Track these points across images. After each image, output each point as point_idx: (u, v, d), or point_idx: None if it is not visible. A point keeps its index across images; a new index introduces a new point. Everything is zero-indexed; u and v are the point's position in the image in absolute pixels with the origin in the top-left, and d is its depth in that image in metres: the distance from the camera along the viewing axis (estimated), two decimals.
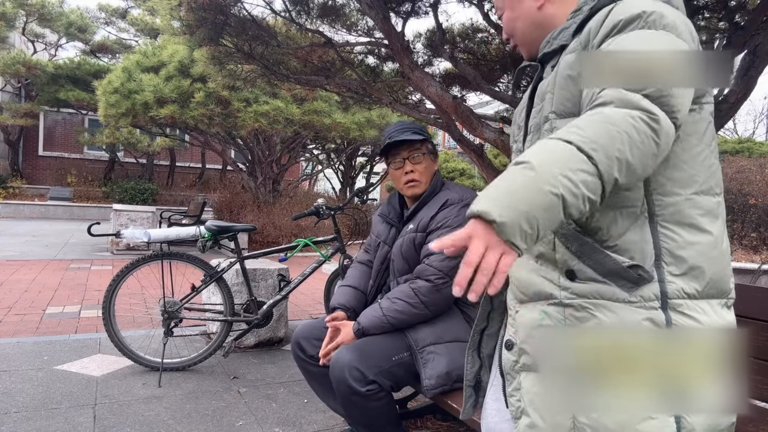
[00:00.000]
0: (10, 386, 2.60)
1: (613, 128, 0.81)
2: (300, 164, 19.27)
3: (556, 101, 1.02)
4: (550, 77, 1.05)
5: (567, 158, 0.81)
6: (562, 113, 1.01)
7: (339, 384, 1.70)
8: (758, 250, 7.22)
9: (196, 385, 2.77)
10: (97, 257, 7.59)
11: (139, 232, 2.86)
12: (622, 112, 0.83)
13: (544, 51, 1.10)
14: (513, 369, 1.07)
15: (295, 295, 5.38)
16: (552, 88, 1.03)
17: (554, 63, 1.08)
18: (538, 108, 1.08)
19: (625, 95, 0.85)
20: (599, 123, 0.82)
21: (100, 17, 19.07)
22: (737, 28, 2.59)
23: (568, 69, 1.00)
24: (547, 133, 1.02)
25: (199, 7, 3.36)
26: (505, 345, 1.10)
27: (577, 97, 0.99)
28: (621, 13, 0.93)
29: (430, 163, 1.96)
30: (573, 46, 1.02)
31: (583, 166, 0.80)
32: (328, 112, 8.91)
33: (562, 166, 0.80)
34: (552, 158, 0.80)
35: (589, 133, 0.82)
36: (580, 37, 1.01)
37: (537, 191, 0.78)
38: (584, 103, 0.95)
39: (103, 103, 9.01)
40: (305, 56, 3.97)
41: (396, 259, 1.93)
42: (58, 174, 17.38)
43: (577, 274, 0.97)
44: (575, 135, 0.82)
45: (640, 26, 0.90)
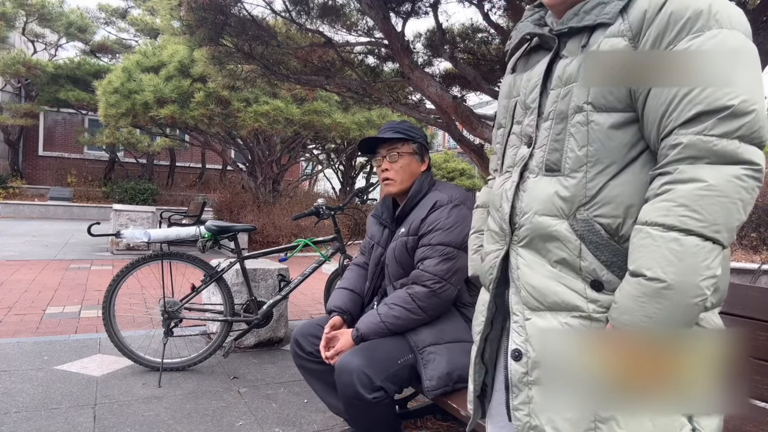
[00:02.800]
0: (10, 386, 2.60)
1: (727, 201, 0.79)
2: (300, 164, 19.26)
3: (594, 91, 0.92)
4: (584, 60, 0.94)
5: (698, 259, 0.79)
6: (602, 107, 0.91)
7: (345, 388, 1.69)
8: (758, 250, 7.21)
9: (196, 385, 2.77)
10: (97, 257, 7.59)
11: (139, 232, 2.86)
12: (727, 175, 0.79)
13: (571, 24, 0.97)
14: (521, 381, 1.00)
15: (295, 295, 5.38)
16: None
17: (584, 42, 0.95)
18: (560, 92, 0.97)
19: (717, 146, 0.80)
20: (714, 199, 0.78)
21: (100, 17, 19.06)
22: None
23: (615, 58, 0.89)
24: (581, 126, 0.93)
25: (199, 7, 3.36)
26: (512, 355, 1.02)
27: (622, 91, 0.90)
28: (684, 6, 0.84)
29: (413, 162, 1.93)
30: (619, 29, 0.90)
31: (713, 254, 0.79)
32: (328, 112, 8.90)
33: (697, 270, 0.79)
34: (684, 267, 0.79)
35: (708, 215, 0.79)
36: (628, 18, 0.89)
37: (685, 308, 0.79)
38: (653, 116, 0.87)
39: (103, 103, 9.01)
40: (305, 56, 3.97)
41: (390, 264, 1.92)
42: (58, 174, 17.37)
43: (606, 285, 0.91)
44: (694, 222, 0.79)
45: (711, 25, 0.83)
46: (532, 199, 0.99)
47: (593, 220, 0.92)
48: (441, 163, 17.40)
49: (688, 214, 0.79)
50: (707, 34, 0.82)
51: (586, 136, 0.92)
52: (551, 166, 0.97)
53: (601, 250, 0.91)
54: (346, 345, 1.81)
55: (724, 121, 0.79)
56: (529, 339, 0.99)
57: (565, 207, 0.94)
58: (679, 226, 0.79)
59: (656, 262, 0.80)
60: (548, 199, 0.96)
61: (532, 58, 1.10)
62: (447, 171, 16.98)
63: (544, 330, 0.96)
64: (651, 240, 0.81)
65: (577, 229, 0.93)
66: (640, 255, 0.83)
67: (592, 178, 0.92)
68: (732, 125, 0.79)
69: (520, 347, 1.00)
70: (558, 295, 0.95)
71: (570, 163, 0.94)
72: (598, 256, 0.91)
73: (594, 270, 0.92)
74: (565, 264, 0.95)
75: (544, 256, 0.98)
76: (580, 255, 0.93)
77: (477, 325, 1.17)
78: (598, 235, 0.91)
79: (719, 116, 0.79)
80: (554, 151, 0.97)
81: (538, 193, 0.98)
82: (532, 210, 0.99)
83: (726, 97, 0.79)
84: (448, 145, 24.88)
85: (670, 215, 0.80)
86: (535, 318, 0.98)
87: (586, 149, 0.92)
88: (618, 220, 0.91)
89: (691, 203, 0.79)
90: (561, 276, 0.95)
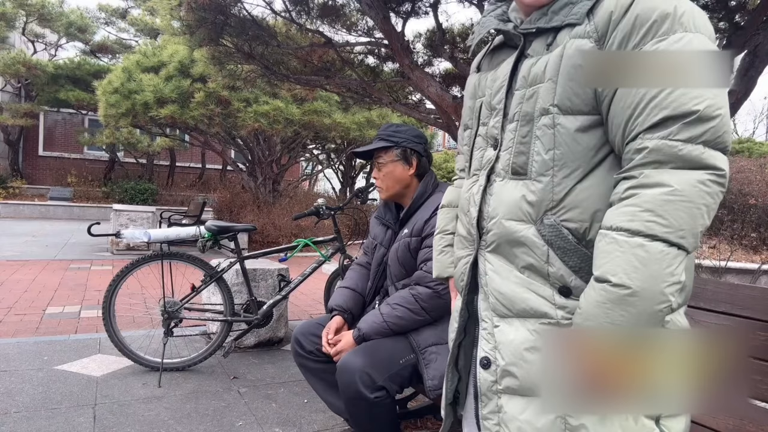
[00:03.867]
0: (10, 386, 2.60)
1: (691, 206, 0.78)
2: (300, 164, 19.26)
3: (560, 94, 0.90)
4: (550, 61, 0.92)
5: (663, 265, 0.78)
6: (567, 110, 0.90)
7: (347, 388, 1.70)
8: (758, 250, 7.21)
9: (196, 385, 2.77)
10: (97, 257, 7.59)
11: (139, 232, 2.86)
12: (692, 180, 0.78)
13: (539, 24, 0.95)
14: (490, 390, 0.98)
15: (295, 295, 5.38)
16: (554, 76, 0.91)
17: (550, 41, 0.94)
18: (525, 93, 0.95)
19: (682, 151, 0.79)
20: (679, 204, 0.78)
21: (100, 17, 19.05)
22: (737, 28, 2.59)
23: (581, 59, 0.88)
24: (547, 129, 0.91)
25: (199, 7, 3.36)
26: (481, 363, 1.00)
27: (588, 94, 0.89)
28: (650, 9, 0.83)
29: (397, 168, 1.91)
30: (585, 29, 0.89)
31: (677, 260, 0.78)
32: (328, 112, 8.91)
33: (661, 277, 0.78)
34: (649, 274, 0.78)
35: (673, 220, 0.78)
36: (594, 20, 0.88)
37: (650, 315, 0.78)
38: (618, 120, 0.86)
39: (103, 103, 9.01)
40: (305, 56, 3.97)
41: (392, 264, 1.93)
42: (58, 174, 17.36)
43: (574, 291, 0.91)
44: (660, 227, 0.78)
45: (676, 29, 0.82)
46: (499, 204, 0.98)
47: (561, 224, 0.91)
48: (441, 163, 17.40)
49: (653, 219, 0.78)
50: (673, 37, 0.81)
51: (553, 140, 0.91)
52: (517, 170, 0.96)
53: (569, 256, 0.90)
54: (348, 345, 1.81)
55: (689, 126, 0.79)
56: (497, 347, 0.97)
57: (532, 212, 0.93)
58: (644, 231, 0.79)
59: (621, 268, 0.79)
60: (515, 204, 0.95)
61: (495, 57, 1.08)
62: (447, 171, 16.98)
63: (512, 337, 0.95)
64: (616, 245, 0.80)
65: (544, 234, 0.92)
66: (605, 260, 0.82)
67: (559, 182, 0.91)
68: (697, 130, 0.79)
69: (489, 355, 0.98)
70: (526, 302, 0.94)
71: (537, 166, 0.93)
72: (566, 262, 0.90)
73: (562, 276, 0.91)
74: (533, 270, 0.94)
75: (512, 262, 0.97)
76: (548, 261, 0.92)
77: (451, 331, 1.15)
78: (565, 240, 0.90)
79: (685, 121, 0.79)
80: (520, 154, 0.95)
81: (504, 197, 0.97)
82: (499, 215, 0.98)
83: (692, 102, 0.79)
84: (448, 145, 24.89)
85: (636, 220, 0.79)
86: (503, 325, 0.97)
87: (553, 153, 0.91)
88: (585, 225, 0.90)
89: (657, 208, 0.78)
90: (529, 282, 0.94)
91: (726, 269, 5.67)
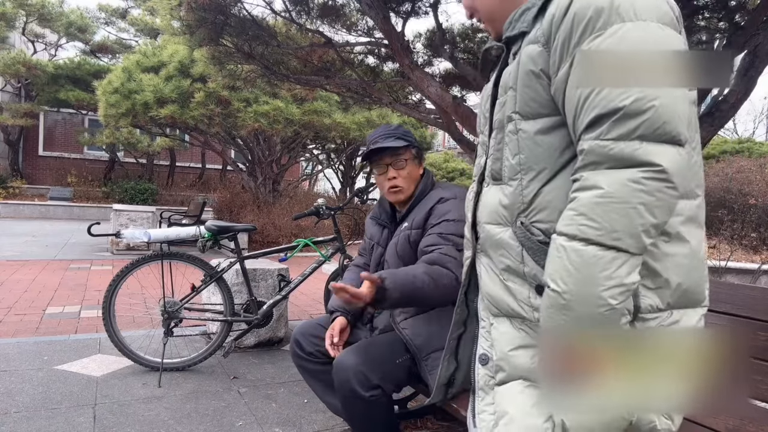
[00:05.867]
0: (10, 386, 2.60)
1: (625, 206, 0.76)
2: (300, 164, 19.26)
3: (519, 100, 0.92)
4: (512, 68, 0.95)
5: (597, 269, 0.76)
6: (527, 114, 0.92)
7: (342, 386, 1.69)
8: (758, 250, 7.22)
9: (196, 385, 2.77)
10: (97, 257, 7.59)
11: (139, 232, 2.86)
12: (622, 179, 0.76)
13: (507, 34, 0.98)
14: (487, 385, 1.02)
15: (295, 295, 5.38)
16: (514, 84, 0.93)
17: (516, 50, 0.96)
18: (501, 101, 0.98)
19: (613, 150, 0.77)
20: (609, 206, 0.76)
21: (100, 17, 19.06)
22: (737, 28, 2.59)
23: (531, 64, 0.89)
24: (512, 135, 0.94)
25: (199, 7, 3.36)
26: (480, 359, 1.04)
27: (544, 97, 0.89)
28: (585, 6, 0.82)
29: (414, 168, 1.91)
30: (534, 36, 0.90)
31: (616, 263, 0.76)
32: (328, 112, 8.91)
33: (596, 281, 0.76)
34: (582, 278, 0.77)
35: (605, 223, 0.76)
36: (542, 24, 0.89)
37: (592, 318, 0.77)
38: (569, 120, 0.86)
39: (103, 103, 9.01)
40: (305, 56, 3.97)
41: (391, 260, 1.91)
42: (58, 174, 17.37)
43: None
44: (592, 231, 0.77)
45: (613, 21, 0.80)
46: (484, 208, 1.04)
47: (531, 226, 0.93)
48: (441, 163, 17.40)
49: (586, 223, 0.78)
50: (608, 31, 0.79)
51: (517, 145, 0.94)
52: (495, 175, 1.01)
53: (539, 255, 0.91)
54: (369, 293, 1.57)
55: (617, 123, 0.77)
56: (493, 344, 1.02)
57: (507, 215, 0.97)
58: (579, 235, 0.78)
59: (558, 273, 0.80)
60: (494, 208, 1.00)
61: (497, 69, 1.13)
62: (447, 171, 16.99)
63: (502, 334, 1.00)
64: (556, 250, 0.81)
65: (519, 236, 0.95)
66: (548, 265, 0.83)
67: (526, 185, 0.93)
68: (627, 127, 0.76)
69: (487, 352, 1.03)
70: (507, 304, 0.99)
71: (507, 171, 0.97)
72: (537, 261, 0.92)
73: (535, 275, 0.93)
74: (511, 271, 0.97)
75: (496, 264, 1.01)
76: (523, 261, 0.94)
77: (452, 324, 1.22)
78: (532, 241, 0.92)
79: (613, 119, 0.77)
80: (497, 161, 1.00)
81: (487, 201, 1.02)
82: (483, 219, 1.03)
83: (619, 98, 0.77)
84: (448, 145, 24.89)
85: (572, 224, 0.80)
86: (496, 323, 1.02)
87: (518, 157, 0.94)
88: (554, 225, 0.89)
89: (589, 212, 0.78)
90: (508, 284, 0.98)
91: (726, 269, 5.67)
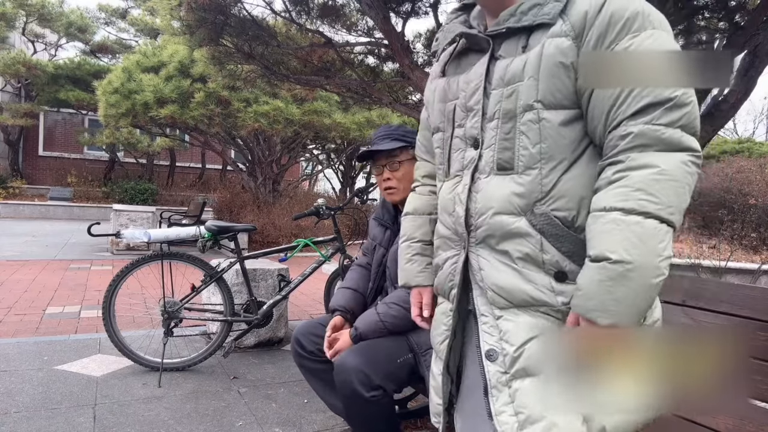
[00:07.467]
0: (10, 386, 2.60)
1: (677, 185, 0.84)
2: (300, 164, 19.26)
3: (543, 90, 0.94)
4: (530, 61, 0.96)
5: (657, 240, 0.83)
6: (551, 104, 0.95)
7: (344, 387, 1.69)
8: (758, 250, 7.22)
9: (196, 385, 2.77)
10: (97, 257, 7.59)
11: (139, 232, 2.86)
12: (675, 160, 0.85)
13: (508, 24, 1.00)
14: (500, 381, 0.98)
15: (295, 295, 5.38)
16: (535, 74, 0.95)
17: (524, 43, 0.98)
18: (504, 92, 0.99)
19: (665, 135, 0.86)
20: (666, 183, 0.84)
21: (100, 17, 19.06)
22: (737, 28, 2.59)
23: (561, 56, 0.93)
24: (532, 124, 0.96)
25: (199, 7, 3.36)
26: (486, 356, 1.01)
27: (570, 89, 0.94)
28: (623, 7, 0.90)
29: (411, 169, 1.86)
30: (561, 30, 0.94)
31: (668, 236, 0.84)
32: (328, 112, 8.91)
33: (657, 251, 0.83)
34: (646, 249, 0.83)
35: (663, 198, 0.84)
36: (570, 20, 0.93)
37: (649, 288, 0.83)
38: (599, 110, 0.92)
39: (103, 103, 9.01)
40: (305, 56, 3.97)
41: (392, 265, 1.92)
42: (58, 174, 17.36)
43: (569, 275, 0.95)
44: (652, 205, 0.84)
45: (646, 26, 0.89)
46: (488, 199, 1.01)
47: (551, 213, 0.96)
48: None
49: (645, 198, 0.84)
50: (644, 33, 0.88)
51: (539, 134, 0.96)
52: (503, 165, 1.00)
53: (561, 242, 0.95)
54: (345, 344, 1.81)
55: (669, 111, 0.86)
56: (504, 336, 0.99)
57: (522, 204, 0.98)
58: (638, 209, 0.84)
59: (621, 245, 0.84)
60: (504, 198, 0.99)
61: (463, 61, 1.13)
62: None
63: (517, 324, 0.99)
64: (613, 224, 0.85)
65: (535, 224, 0.96)
66: (601, 239, 0.86)
67: (546, 173, 0.96)
68: (675, 114, 0.86)
69: (494, 347, 1.00)
70: (526, 293, 0.98)
71: (524, 160, 0.97)
72: (559, 248, 0.95)
73: (557, 261, 0.95)
74: (529, 259, 0.97)
75: (507, 254, 1.00)
76: (542, 248, 0.96)
77: (438, 335, 1.17)
78: (557, 228, 0.95)
79: (665, 106, 0.86)
80: (505, 150, 0.99)
81: (492, 192, 1.01)
82: (491, 210, 1.01)
83: (669, 89, 0.86)
84: None
85: (629, 200, 0.85)
86: (506, 315, 1.00)
87: (540, 146, 0.96)
88: (573, 212, 0.96)
89: (647, 187, 0.84)
90: (525, 272, 0.98)
91: (726, 269, 5.67)
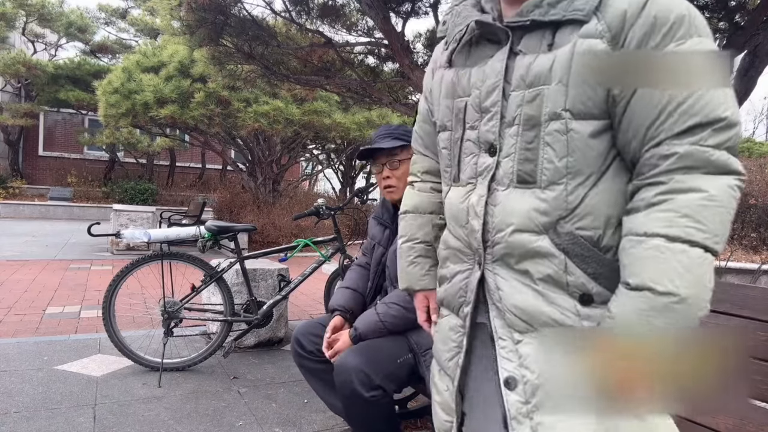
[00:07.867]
0: (10, 386, 2.60)
1: (724, 212, 0.79)
2: (300, 164, 19.26)
3: (573, 97, 0.85)
4: (558, 62, 0.86)
5: (702, 271, 0.78)
6: (581, 114, 0.86)
7: (343, 387, 1.69)
8: (758, 250, 7.22)
9: (196, 385, 2.77)
10: (97, 257, 7.59)
11: (139, 232, 2.86)
12: (722, 184, 0.79)
13: (533, 16, 0.88)
14: (520, 413, 0.90)
15: (295, 295, 5.38)
16: (564, 78, 0.85)
17: (550, 41, 0.88)
18: (525, 95, 0.89)
19: (713, 157, 0.79)
20: (714, 210, 0.78)
21: (100, 17, 19.06)
22: (737, 28, 2.59)
23: (594, 59, 0.83)
24: (560, 135, 0.87)
25: (199, 7, 3.36)
26: (505, 384, 0.93)
27: (601, 97, 0.85)
28: (667, 10, 0.81)
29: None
30: (596, 29, 0.84)
31: (712, 267, 0.79)
32: (328, 112, 8.90)
33: (703, 283, 0.78)
34: (693, 281, 0.77)
35: (711, 226, 0.78)
36: (605, 19, 0.83)
37: (691, 321, 0.78)
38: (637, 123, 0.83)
39: (103, 103, 9.01)
40: (305, 56, 3.97)
41: (391, 264, 1.92)
42: (58, 174, 17.36)
43: (595, 298, 0.87)
44: (700, 233, 0.78)
45: (693, 32, 0.81)
46: (507, 215, 0.92)
47: (576, 232, 0.88)
48: None
49: (692, 225, 0.77)
50: (691, 41, 0.81)
51: (566, 146, 0.87)
52: (525, 178, 0.91)
53: (587, 263, 0.87)
54: (345, 345, 1.81)
55: (718, 132, 0.79)
56: (524, 363, 0.91)
57: (545, 221, 0.89)
58: (683, 237, 0.77)
59: (666, 275, 0.77)
60: (525, 215, 0.90)
61: (474, 52, 0.99)
62: None
63: (540, 349, 0.90)
64: (656, 251, 0.78)
65: (559, 243, 0.88)
66: (643, 267, 0.79)
67: (572, 190, 0.88)
68: (724, 136, 0.79)
69: (514, 374, 0.92)
70: (548, 315, 0.89)
71: (549, 174, 0.88)
72: (585, 270, 0.87)
73: (582, 284, 0.87)
74: (551, 281, 0.89)
75: (527, 275, 0.91)
76: (566, 269, 0.88)
77: (446, 351, 1.06)
78: (583, 248, 0.87)
79: (714, 127, 0.79)
80: (527, 162, 0.90)
81: (512, 207, 0.92)
82: (511, 226, 0.92)
83: (720, 108, 0.79)
84: None
85: (674, 226, 0.78)
86: (527, 339, 0.91)
87: (567, 160, 0.87)
88: (599, 231, 0.88)
89: (695, 214, 0.77)
90: (547, 294, 0.89)
91: (726, 269, 5.67)
